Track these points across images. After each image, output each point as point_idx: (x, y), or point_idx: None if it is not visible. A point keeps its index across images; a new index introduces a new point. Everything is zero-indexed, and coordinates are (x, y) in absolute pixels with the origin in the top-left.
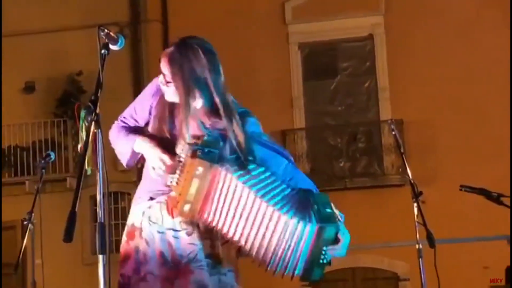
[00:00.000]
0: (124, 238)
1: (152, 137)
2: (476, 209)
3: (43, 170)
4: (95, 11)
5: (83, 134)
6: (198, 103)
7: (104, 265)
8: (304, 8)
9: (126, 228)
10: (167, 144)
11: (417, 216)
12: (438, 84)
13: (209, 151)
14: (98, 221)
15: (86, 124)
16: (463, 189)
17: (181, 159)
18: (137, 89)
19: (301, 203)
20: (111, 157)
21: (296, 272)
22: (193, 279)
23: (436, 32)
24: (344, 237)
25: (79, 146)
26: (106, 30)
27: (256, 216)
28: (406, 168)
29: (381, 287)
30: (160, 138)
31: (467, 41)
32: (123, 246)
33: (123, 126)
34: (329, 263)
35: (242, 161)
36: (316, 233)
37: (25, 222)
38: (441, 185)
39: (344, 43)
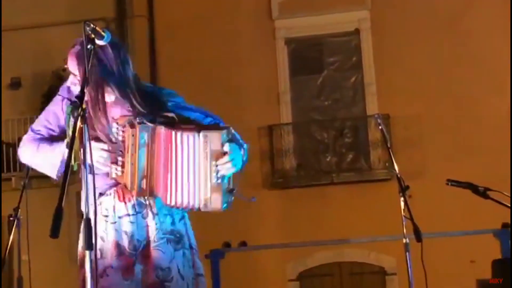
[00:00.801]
0: (79, 247)
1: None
2: (463, 203)
3: (29, 166)
4: (80, 7)
5: (69, 130)
6: (110, 97)
7: (91, 261)
8: (291, 3)
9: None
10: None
11: (403, 210)
12: (424, 78)
13: (144, 116)
14: (84, 217)
15: (72, 119)
16: (449, 184)
17: (120, 137)
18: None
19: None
20: None
21: (196, 204)
22: (153, 261)
23: (423, 26)
24: (233, 151)
25: (65, 142)
26: (92, 25)
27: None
28: (392, 163)
29: (368, 281)
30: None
31: (454, 35)
32: (79, 254)
33: (39, 138)
34: (232, 191)
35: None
36: (203, 143)
37: (11, 218)
38: (428, 180)
39: (331, 38)
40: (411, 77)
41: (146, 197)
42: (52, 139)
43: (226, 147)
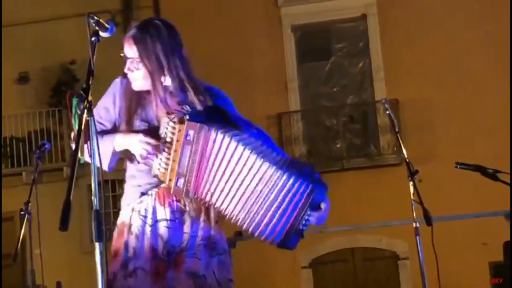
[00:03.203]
0: (114, 236)
1: (129, 132)
2: (473, 186)
3: (39, 160)
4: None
5: (75, 123)
6: (167, 80)
7: (101, 253)
8: None
9: (116, 228)
10: (147, 134)
11: (413, 194)
12: (433, 62)
13: (197, 113)
14: (94, 208)
15: (79, 112)
16: (459, 167)
17: (167, 139)
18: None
19: (294, 166)
20: None
21: (276, 237)
22: (185, 268)
23: (430, 9)
24: (327, 204)
25: (72, 135)
26: (96, 18)
27: (254, 178)
28: (401, 147)
29: (381, 267)
30: (137, 131)
31: (462, 17)
32: (113, 245)
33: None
34: (303, 235)
35: (228, 123)
36: (308, 193)
37: (22, 213)
38: (438, 163)
39: (338, 24)
40: (419, 61)
41: (182, 198)
42: (102, 133)
43: (323, 205)
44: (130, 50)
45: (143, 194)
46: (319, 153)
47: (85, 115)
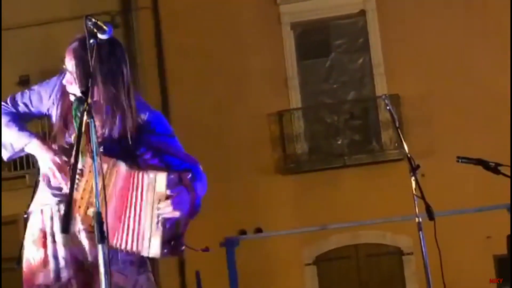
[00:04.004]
0: (31, 249)
1: (46, 141)
2: (475, 180)
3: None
4: (85, 2)
5: (76, 125)
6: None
7: (104, 254)
8: None
9: (30, 237)
10: (64, 151)
11: (415, 189)
12: (433, 57)
13: (110, 148)
14: (95, 210)
15: (78, 114)
16: (460, 161)
17: (80, 166)
18: (130, 78)
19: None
20: None
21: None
22: (113, 282)
23: (429, 3)
24: (179, 195)
25: (72, 137)
26: (93, 20)
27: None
28: (402, 143)
29: (385, 262)
30: (57, 146)
31: (462, 11)
32: (33, 258)
33: (12, 112)
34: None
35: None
36: (148, 184)
37: (25, 216)
38: (439, 158)
39: (336, 21)
40: (419, 56)
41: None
42: (20, 117)
43: (169, 191)
44: (70, 63)
45: (60, 201)
46: (321, 150)
47: (85, 117)
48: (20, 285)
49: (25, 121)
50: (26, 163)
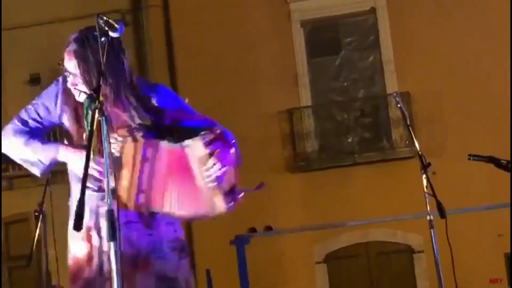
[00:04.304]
0: (78, 243)
1: (73, 145)
2: (486, 178)
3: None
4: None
5: (87, 123)
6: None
7: (116, 252)
8: None
9: (75, 233)
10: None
11: (426, 187)
12: (443, 54)
13: (147, 130)
14: (107, 208)
15: (90, 112)
16: (471, 158)
17: (116, 154)
18: (141, 75)
19: None
20: None
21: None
22: (154, 271)
23: (439, 1)
24: (219, 150)
25: (84, 135)
26: (105, 18)
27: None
28: (413, 140)
29: (396, 260)
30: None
31: (472, 10)
32: (80, 252)
33: (25, 131)
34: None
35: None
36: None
37: (37, 214)
38: (451, 156)
39: (347, 18)
40: (430, 53)
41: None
42: (37, 134)
43: (207, 149)
44: (70, 64)
45: (104, 197)
46: (331, 148)
47: (96, 115)
48: (30, 282)
49: (40, 135)
50: None
